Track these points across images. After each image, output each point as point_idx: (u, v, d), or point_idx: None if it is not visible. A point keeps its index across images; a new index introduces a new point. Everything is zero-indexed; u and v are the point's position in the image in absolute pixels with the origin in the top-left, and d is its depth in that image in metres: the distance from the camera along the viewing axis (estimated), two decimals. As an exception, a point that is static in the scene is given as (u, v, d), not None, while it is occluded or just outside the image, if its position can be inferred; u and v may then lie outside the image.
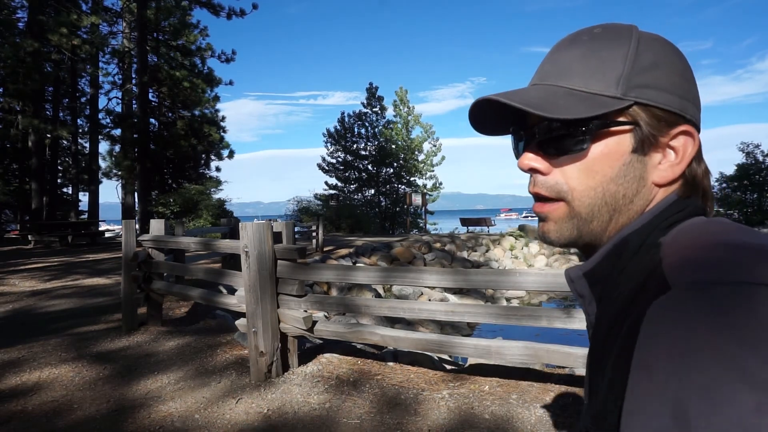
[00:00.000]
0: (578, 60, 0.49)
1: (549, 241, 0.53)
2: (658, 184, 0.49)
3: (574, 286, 0.53)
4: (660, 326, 0.37)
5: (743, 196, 21.54)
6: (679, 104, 0.48)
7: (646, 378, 0.37)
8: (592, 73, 0.48)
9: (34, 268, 8.96)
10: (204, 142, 20.18)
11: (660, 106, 0.47)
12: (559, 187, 0.50)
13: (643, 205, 0.49)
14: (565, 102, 0.47)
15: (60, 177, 21.91)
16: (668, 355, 0.35)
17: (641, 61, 0.47)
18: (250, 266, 3.25)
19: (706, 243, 0.42)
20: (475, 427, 2.55)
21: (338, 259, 10.43)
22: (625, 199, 0.48)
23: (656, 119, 0.47)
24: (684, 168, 0.48)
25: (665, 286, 0.40)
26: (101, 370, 3.60)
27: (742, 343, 0.32)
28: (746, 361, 0.31)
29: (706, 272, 0.38)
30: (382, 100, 26.77)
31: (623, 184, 0.48)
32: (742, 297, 0.34)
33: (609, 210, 0.49)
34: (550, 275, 2.64)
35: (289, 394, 3.05)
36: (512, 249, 16.75)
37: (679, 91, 0.48)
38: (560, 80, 0.50)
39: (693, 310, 0.36)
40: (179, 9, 18.09)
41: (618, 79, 0.47)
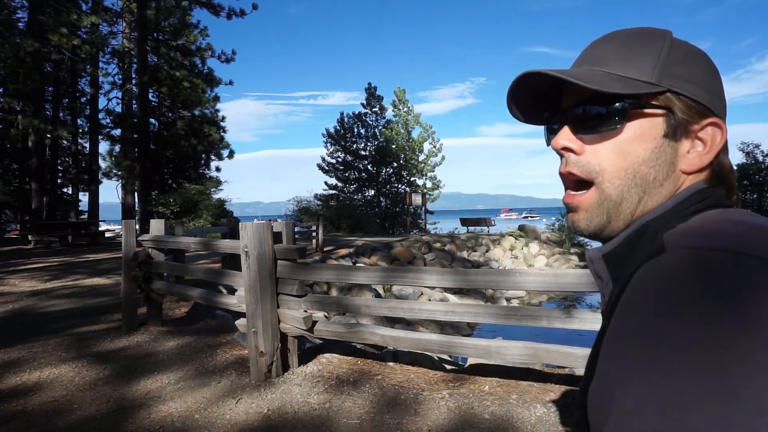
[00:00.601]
0: (614, 51, 0.51)
1: (579, 229, 0.54)
2: (686, 172, 0.50)
3: (594, 267, 0.54)
4: (645, 282, 0.39)
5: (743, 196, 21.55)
6: (708, 98, 0.49)
7: (621, 345, 0.37)
8: (628, 61, 0.50)
9: (34, 268, 8.96)
10: (204, 142, 20.18)
11: (691, 97, 0.49)
12: (591, 167, 0.51)
13: (671, 190, 0.50)
14: (602, 79, 0.49)
15: (60, 177, 21.92)
16: (649, 314, 0.35)
17: (675, 55, 0.50)
18: (250, 266, 3.25)
19: (714, 220, 0.43)
20: (475, 427, 2.55)
21: (338, 259, 10.43)
22: (655, 183, 0.49)
23: (688, 108, 0.49)
24: (711, 158, 0.49)
25: (661, 250, 0.42)
26: (101, 370, 3.60)
27: (730, 314, 0.32)
28: (732, 335, 0.31)
29: (706, 239, 0.39)
30: (381, 100, 26.78)
31: (654, 167, 0.49)
32: (738, 266, 0.35)
33: (639, 192, 0.50)
34: (550, 275, 2.64)
35: (289, 394, 3.05)
36: (512, 249, 16.75)
37: (708, 86, 0.50)
38: (597, 66, 0.52)
39: (683, 269, 0.37)
40: (179, 9, 18.08)
41: (653, 68, 0.49)
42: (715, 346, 0.31)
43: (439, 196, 27.08)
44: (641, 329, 0.35)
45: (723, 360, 0.30)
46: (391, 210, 26.53)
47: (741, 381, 0.30)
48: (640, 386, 0.32)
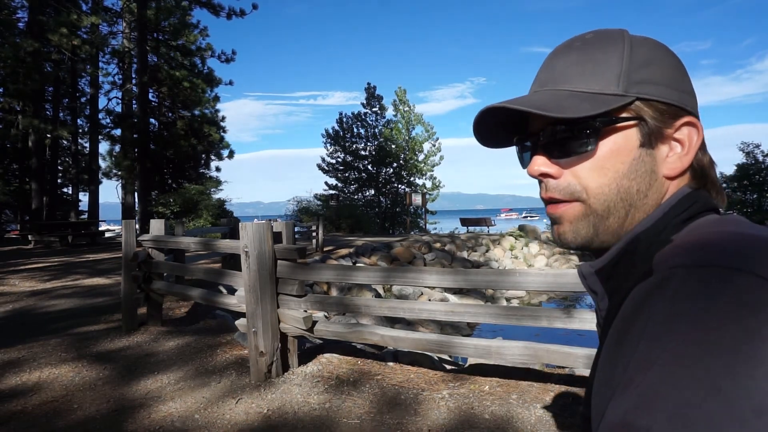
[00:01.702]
0: (574, 64, 0.50)
1: (565, 242, 0.52)
2: (669, 177, 0.49)
3: (587, 282, 0.53)
4: (631, 307, 0.40)
5: (743, 196, 21.55)
6: (678, 97, 0.48)
7: (610, 359, 0.40)
8: (590, 75, 0.49)
9: (34, 268, 8.96)
10: (204, 142, 20.18)
11: (661, 100, 0.48)
12: (572, 188, 0.50)
13: (657, 198, 0.49)
14: (569, 102, 0.48)
15: (60, 177, 21.91)
16: (642, 340, 0.36)
17: (637, 58, 0.48)
18: (250, 266, 3.25)
19: (705, 233, 0.43)
20: (475, 427, 2.55)
21: (338, 259, 10.43)
22: (639, 194, 0.49)
23: (659, 113, 0.48)
24: (692, 158, 0.49)
25: (649, 272, 0.42)
26: (101, 370, 3.60)
27: (718, 334, 0.32)
28: (730, 349, 0.31)
29: (691, 256, 0.39)
30: (381, 100, 26.80)
31: (636, 179, 0.48)
32: (730, 283, 0.34)
33: (625, 205, 0.49)
34: (550, 275, 2.64)
35: (289, 394, 3.05)
36: (512, 249, 16.75)
37: (676, 84, 0.49)
38: (560, 85, 0.50)
39: (672, 290, 0.37)
40: (179, 9, 18.08)
41: (618, 77, 0.48)
42: (713, 360, 0.31)
43: (438, 196, 27.09)
44: (639, 354, 0.35)
45: (722, 370, 0.30)
46: (391, 210, 26.54)
47: (741, 393, 0.30)
48: (631, 400, 0.33)
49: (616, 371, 0.38)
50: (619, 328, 0.41)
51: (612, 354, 0.41)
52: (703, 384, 0.30)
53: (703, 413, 0.29)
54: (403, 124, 26.50)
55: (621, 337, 0.40)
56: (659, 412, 0.30)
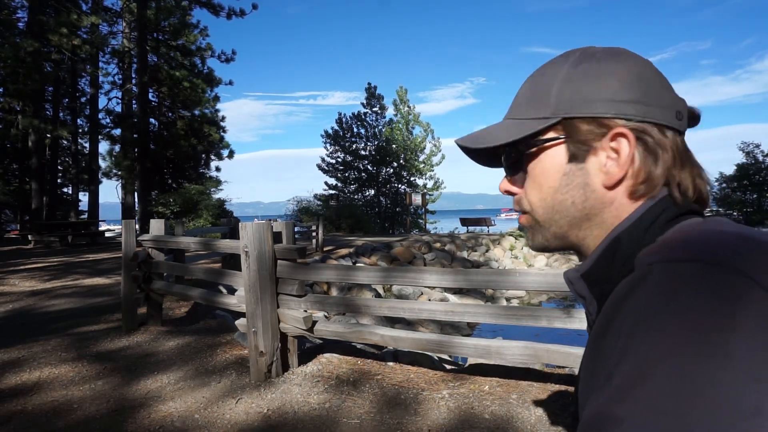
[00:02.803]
0: (526, 90, 0.55)
1: (530, 246, 0.59)
2: (607, 186, 0.50)
3: (574, 287, 0.55)
4: (611, 303, 0.41)
5: (743, 196, 21.55)
6: (615, 109, 0.49)
7: (593, 356, 0.41)
8: (531, 101, 0.53)
9: (34, 268, 8.96)
10: (204, 142, 20.19)
11: (589, 116, 0.50)
12: (523, 202, 0.56)
13: (601, 207, 0.51)
14: (499, 132, 0.54)
15: (60, 177, 21.90)
16: (621, 335, 0.37)
17: (575, 78, 0.51)
18: (250, 266, 3.25)
19: (687, 232, 0.44)
20: (475, 427, 2.55)
21: (338, 259, 10.43)
22: (575, 206, 0.52)
23: (587, 128, 0.50)
24: (625, 168, 0.49)
25: (632, 271, 0.43)
26: (101, 370, 3.60)
27: (697, 329, 0.33)
28: (709, 344, 0.32)
29: (670, 252, 0.40)
30: (381, 100, 26.78)
31: (568, 192, 0.52)
32: (700, 275, 0.35)
33: (562, 217, 0.53)
34: (550, 275, 2.64)
35: (289, 394, 3.05)
36: (512, 249, 16.75)
37: (619, 95, 0.49)
38: (511, 113, 0.56)
39: (644, 286, 0.38)
40: (179, 9, 18.08)
41: (548, 100, 0.51)
42: (687, 353, 0.32)
43: (439, 196, 27.09)
44: (622, 349, 0.36)
45: (695, 363, 0.31)
46: (391, 210, 26.53)
47: (726, 386, 0.30)
48: (614, 398, 0.34)
49: (597, 367, 0.39)
50: (601, 325, 0.42)
51: (594, 350, 0.42)
52: (679, 377, 0.31)
53: (675, 405, 0.30)
54: (403, 123, 26.50)
55: (602, 333, 0.41)
56: (634, 404, 0.32)
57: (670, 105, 0.50)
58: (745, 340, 0.31)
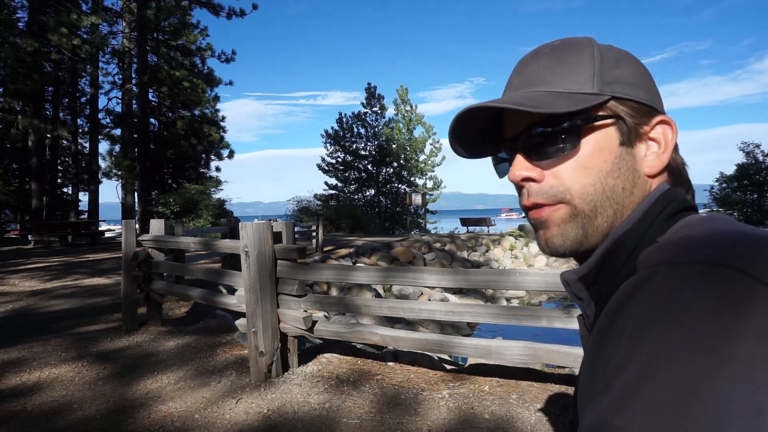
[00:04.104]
0: (547, 68, 0.50)
1: (553, 247, 0.50)
2: (649, 175, 0.49)
3: (571, 289, 0.52)
4: (613, 306, 0.40)
5: (743, 196, 21.56)
6: (650, 97, 0.50)
7: (592, 360, 0.40)
8: (565, 76, 0.49)
9: (34, 268, 8.96)
10: (204, 142, 20.18)
11: (635, 99, 0.49)
12: (556, 190, 0.49)
13: (642, 196, 0.49)
14: (549, 100, 0.47)
15: (60, 177, 21.91)
16: (623, 341, 0.35)
17: (606, 60, 0.49)
18: (250, 266, 3.25)
19: (689, 232, 0.42)
20: (475, 427, 2.55)
21: (338, 259, 10.42)
22: (625, 192, 0.48)
23: (634, 111, 0.49)
24: (669, 157, 0.49)
25: (633, 272, 0.41)
26: (101, 370, 3.60)
27: (699, 332, 0.31)
28: (713, 346, 0.31)
29: (673, 253, 0.38)
30: (382, 100, 26.78)
31: (620, 177, 0.48)
32: (704, 277, 0.34)
33: (612, 204, 0.48)
34: (550, 275, 2.64)
35: (289, 394, 3.05)
36: (512, 249, 16.75)
37: (646, 85, 0.50)
38: (535, 87, 0.50)
39: (647, 288, 0.36)
40: (179, 9, 18.08)
41: (591, 77, 0.48)
42: (691, 359, 0.30)
43: (439, 196, 27.09)
44: (624, 354, 0.35)
45: (700, 370, 0.30)
46: (391, 210, 26.53)
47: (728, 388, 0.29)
48: (609, 408, 0.33)
49: (597, 372, 0.38)
50: (602, 328, 0.40)
51: (594, 354, 0.40)
52: (680, 384, 0.30)
53: (677, 415, 0.29)
54: (404, 123, 26.49)
55: (603, 336, 0.39)
56: (635, 412, 0.30)
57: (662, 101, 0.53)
58: (750, 348, 0.30)
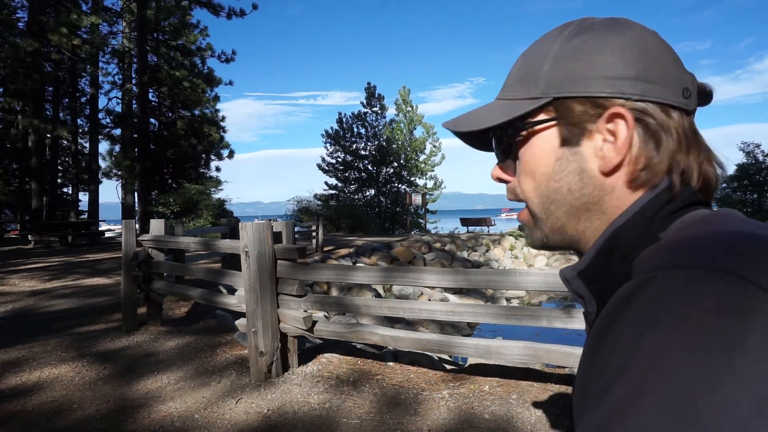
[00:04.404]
0: (516, 69, 0.51)
1: (530, 244, 0.54)
2: (603, 172, 0.46)
3: (571, 286, 0.51)
4: (609, 311, 0.38)
5: (743, 196, 21.56)
6: (611, 87, 0.45)
7: (588, 367, 0.39)
8: (521, 80, 0.49)
9: (34, 268, 8.96)
10: (204, 142, 20.20)
11: (583, 95, 0.45)
12: (516, 191, 0.52)
13: (599, 195, 0.47)
14: (487, 113, 0.50)
15: (60, 177, 21.91)
16: (618, 348, 0.34)
17: (567, 54, 0.46)
18: (250, 266, 3.25)
19: (691, 232, 0.40)
20: (475, 427, 2.55)
21: (338, 259, 10.43)
22: (571, 194, 0.47)
23: (581, 109, 0.46)
24: (623, 152, 0.44)
25: (630, 272, 0.40)
26: (101, 370, 3.60)
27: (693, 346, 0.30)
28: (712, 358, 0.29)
29: (671, 257, 0.36)
30: (382, 100, 26.79)
31: (563, 179, 0.47)
32: (703, 284, 0.32)
33: (559, 207, 0.48)
34: (550, 275, 2.64)
35: (289, 394, 3.05)
36: (512, 249, 16.75)
37: (614, 72, 0.45)
38: (502, 92, 0.52)
39: (643, 295, 0.34)
40: (179, 9, 18.09)
41: (539, 79, 0.47)
42: (688, 371, 0.29)
43: (439, 196, 27.10)
44: (619, 364, 0.33)
45: (697, 383, 0.29)
46: (391, 210, 26.54)
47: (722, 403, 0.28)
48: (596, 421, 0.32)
49: (591, 380, 0.37)
50: (599, 331, 0.39)
51: (589, 360, 0.39)
52: (677, 396, 0.29)
53: (674, 426, 0.28)
54: (405, 124, 26.49)
55: (600, 339, 0.38)
56: (631, 424, 0.29)
57: (675, 81, 0.45)
58: (751, 361, 0.28)
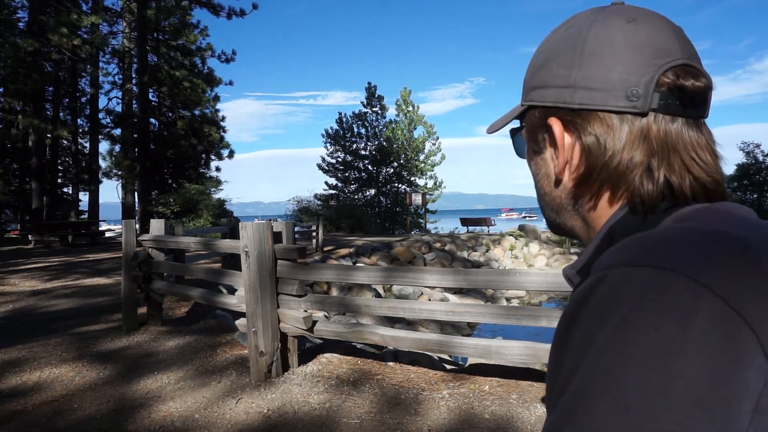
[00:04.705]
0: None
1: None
2: (558, 178, 0.47)
3: (573, 284, 0.50)
4: (567, 313, 0.37)
5: (743, 196, 21.55)
6: (556, 95, 0.44)
7: (552, 367, 0.39)
8: (523, 83, 0.52)
9: (34, 268, 8.96)
10: (204, 142, 20.20)
11: (538, 104, 0.47)
12: None
13: (567, 197, 0.48)
14: (501, 118, 0.54)
15: (60, 177, 21.90)
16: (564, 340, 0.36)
17: (540, 57, 0.48)
18: (250, 266, 3.25)
19: (661, 228, 0.39)
20: (475, 426, 2.55)
21: (338, 259, 10.42)
22: (547, 196, 0.50)
23: (537, 117, 0.48)
24: (560, 160, 0.45)
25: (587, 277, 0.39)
26: (101, 370, 3.60)
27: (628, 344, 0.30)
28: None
29: (625, 254, 0.35)
30: (382, 100, 26.78)
31: (540, 182, 0.51)
32: (650, 284, 0.31)
33: (545, 205, 0.52)
34: (550, 275, 2.64)
35: (289, 394, 3.05)
36: (512, 249, 16.74)
37: (563, 79, 0.44)
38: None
39: (594, 296, 0.34)
40: (179, 9, 18.09)
41: (524, 86, 0.50)
42: (628, 374, 0.29)
43: (439, 196, 27.09)
44: (570, 367, 0.34)
45: (635, 386, 0.29)
46: (391, 210, 26.53)
47: None
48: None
49: (552, 380, 0.37)
50: (558, 334, 0.38)
51: (553, 360, 0.39)
52: (616, 401, 0.29)
53: (610, 431, 0.28)
54: (405, 124, 26.49)
55: (559, 342, 0.38)
56: (574, 428, 0.30)
57: (620, 84, 0.42)
58: (691, 365, 0.28)
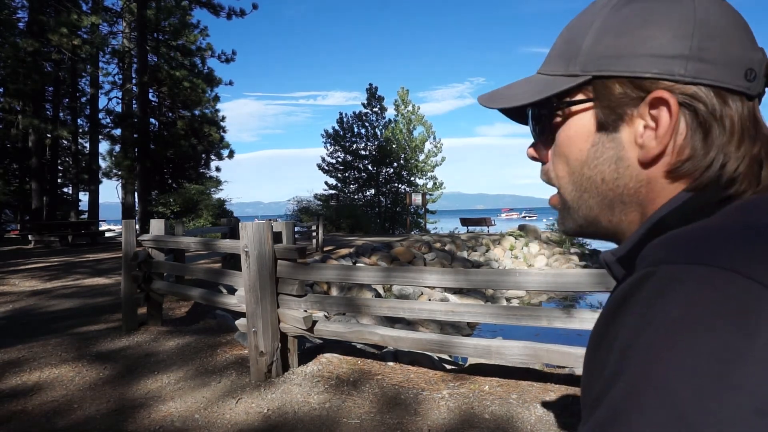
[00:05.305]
0: (559, 41, 0.47)
1: (563, 232, 0.51)
2: (641, 162, 0.41)
3: (612, 271, 0.46)
4: (609, 309, 0.36)
5: (743, 196, 21.57)
6: (658, 66, 0.39)
7: (590, 365, 0.38)
8: (560, 54, 0.45)
9: (34, 268, 8.96)
10: (204, 142, 20.21)
11: (625, 75, 0.41)
12: (549, 174, 0.49)
13: (635, 187, 0.43)
14: (523, 89, 0.46)
15: (60, 177, 21.91)
16: (600, 341, 0.35)
17: (610, 26, 0.42)
18: (250, 266, 3.25)
19: (712, 221, 0.37)
20: (475, 427, 2.55)
21: (338, 259, 10.42)
22: (605, 184, 0.43)
23: (621, 90, 0.41)
24: (664, 142, 0.40)
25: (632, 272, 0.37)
26: (101, 370, 3.60)
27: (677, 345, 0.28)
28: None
29: (674, 251, 0.33)
30: (382, 100, 26.79)
31: (597, 167, 0.43)
32: (703, 283, 0.29)
33: (592, 196, 0.45)
34: (550, 275, 2.64)
35: (289, 394, 3.05)
36: (512, 249, 16.75)
37: (663, 50, 0.39)
38: (543, 66, 0.48)
39: (640, 293, 0.32)
40: (179, 9, 18.10)
41: (577, 55, 0.43)
42: (680, 380, 0.28)
43: (439, 197, 27.10)
44: (613, 369, 0.32)
45: (688, 394, 0.27)
46: (392, 210, 26.54)
47: None
48: None
49: (592, 379, 0.35)
50: (598, 331, 0.36)
51: (591, 355, 0.37)
52: (667, 409, 0.27)
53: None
54: (404, 124, 26.50)
55: (598, 341, 0.36)
56: (623, 426, 0.28)
57: (738, 60, 0.39)
58: (752, 369, 0.26)
